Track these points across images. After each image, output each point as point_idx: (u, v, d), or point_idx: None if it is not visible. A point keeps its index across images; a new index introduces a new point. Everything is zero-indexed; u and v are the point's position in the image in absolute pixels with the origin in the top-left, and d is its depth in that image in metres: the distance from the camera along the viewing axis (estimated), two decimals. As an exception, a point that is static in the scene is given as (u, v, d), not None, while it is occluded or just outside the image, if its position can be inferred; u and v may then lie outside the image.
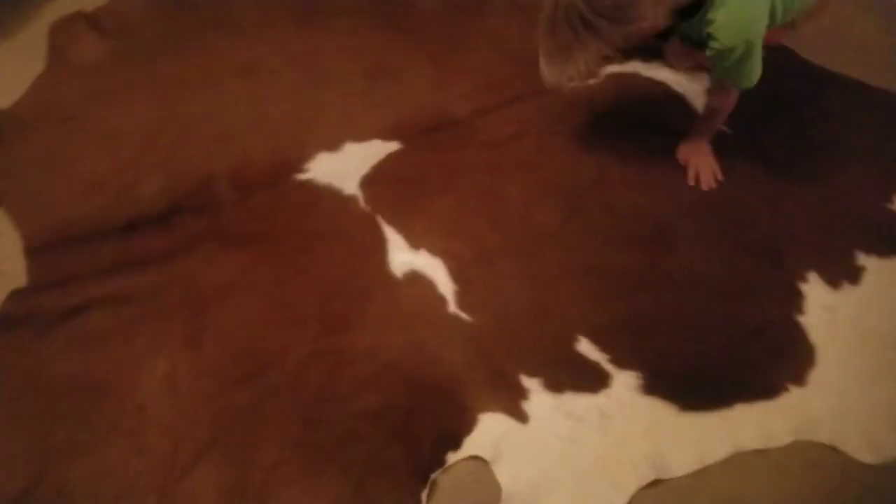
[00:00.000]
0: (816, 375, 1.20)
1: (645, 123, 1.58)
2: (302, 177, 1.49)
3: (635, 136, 1.55)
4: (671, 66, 1.68)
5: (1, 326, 1.27)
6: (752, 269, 1.34)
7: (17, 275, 1.34)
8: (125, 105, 1.63)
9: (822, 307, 1.29)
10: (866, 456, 1.11)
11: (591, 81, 1.67)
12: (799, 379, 1.19)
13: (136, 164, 1.50)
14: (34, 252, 1.37)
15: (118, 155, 1.52)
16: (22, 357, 1.23)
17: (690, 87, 1.65)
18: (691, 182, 1.45)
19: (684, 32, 1.33)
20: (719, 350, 1.23)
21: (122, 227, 1.40)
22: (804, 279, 1.32)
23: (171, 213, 1.42)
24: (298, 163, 1.51)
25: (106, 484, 1.10)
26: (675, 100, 1.63)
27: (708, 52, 1.26)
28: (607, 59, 1.30)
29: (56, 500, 1.08)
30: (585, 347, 1.24)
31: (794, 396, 1.17)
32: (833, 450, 1.12)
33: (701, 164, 1.46)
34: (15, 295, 1.31)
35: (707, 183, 1.44)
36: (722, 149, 1.50)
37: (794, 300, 1.30)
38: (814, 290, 1.31)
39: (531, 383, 1.20)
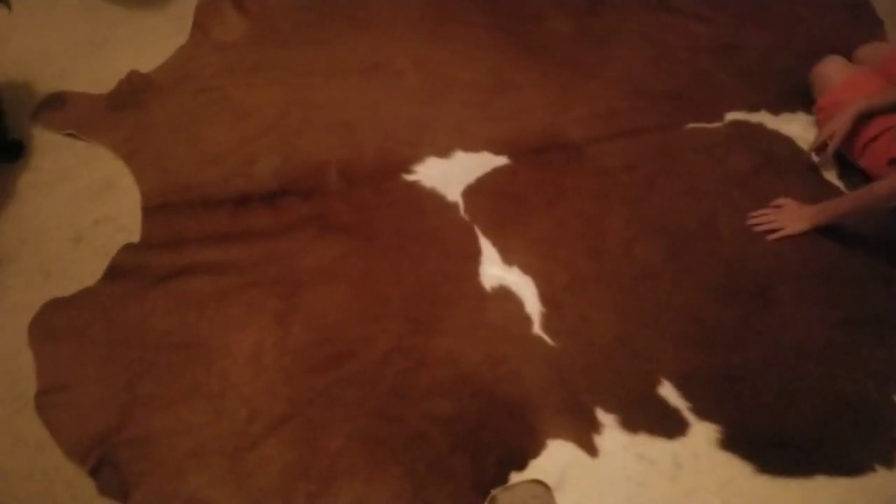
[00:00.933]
0: (908, 461, 1.12)
1: (762, 174, 1.52)
2: (409, 177, 1.53)
3: (751, 186, 1.50)
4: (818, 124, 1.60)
5: (111, 276, 1.35)
6: (853, 340, 1.27)
7: (132, 230, 1.43)
8: (256, 85, 1.71)
9: (924, 392, 1.20)
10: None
11: (713, 125, 1.63)
12: (888, 461, 1.12)
13: (256, 142, 1.58)
14: (150, 211, 1.46)
15: (242, 132, 1.60)
16: (124, 308, 1.31)
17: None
18: (752, 214, 1.39)
19: None
20: (808, 417, 1.17)
21: (235, 199, 1.47)
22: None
23: (281, 194, 1.48)
24: (408, 163, 1.55)
25: (182, 440, 1.15)
26: (796, 155, 1.56)
27: None
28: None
29: (134, 446, 1.14)
30: (668, 392, 1.20)
31: (879, 478, 1.10)
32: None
33: (781, 220, 1.38)
34: (127, 248, 1.39)
35: (756, 224, 1.37)
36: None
37: (893, 381, 1.21)
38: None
39: (606, 418, 1.17)
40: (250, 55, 1.79)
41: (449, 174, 1.53)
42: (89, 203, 1.48)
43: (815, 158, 1.51)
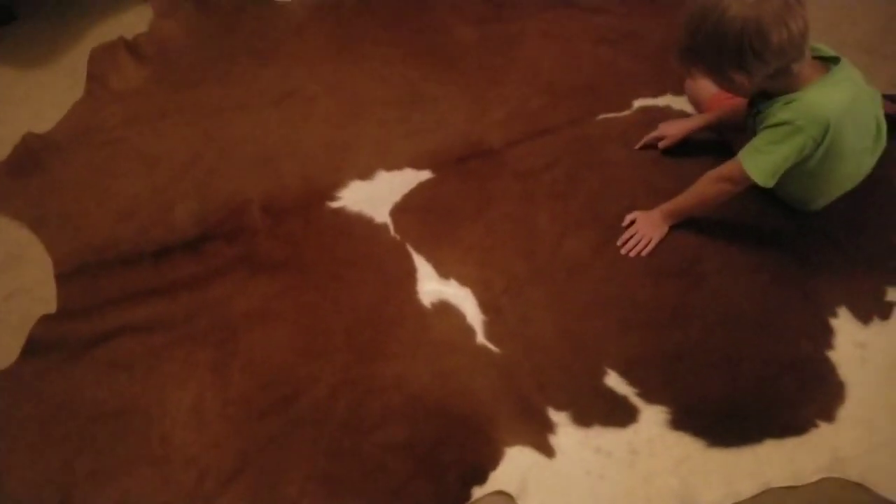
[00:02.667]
0: (846, 412, 1.17)
1: (676, 154, 1.56)
2: (334, 204, 1.51)
3: (667, 167, 1.54)
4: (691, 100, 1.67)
5: (30, 352, 1.28)
6: (782, 303, 1.31)
7: (48, 300, 1.36)
8: (163, 130, 1.66)
9: (852, 343, 1.26)
10: (896, 493, 1.08)
11: (623, 113, 1.67)
12: (828, 415, 1.17)
13: (170, 189, 1.53)
14: (65, 277, 1.39)
15: (153, 180, 1.55)
16: (50, 383, 1.24)
17: (724, 112, 1.62)
18: (619, 243, 1.40)
19: (756, 105, 1.32)
20: (749, 385, 1.20)
21: (154, 252, 1.42)
22: (835, 314, 1.30)
23: (203, 240, 1.44)
24: (331, 190, 1.53)
25: (130, 514, 1.11)
26: (705, 133, 1.61)
27: (764, 108, 1.27)
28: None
29: (83, 528, 1.08)
30: (614, 381, 1.22)
31: (823, 433, 1.14)
32: (863, 488, 1.09)
33: (642, 234, 1.40)
34: (45, 321, 1.32)
35: (628, 250, 1.39)
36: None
37: (825, 335, 1.27)
38: (844, 325, 1.28)
39: (559, 417, 1.18)
40: (153, 100, 1.73)
41: (374, 196, 1.52)
42: (-2, 278, 1.40)
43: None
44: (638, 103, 1.70)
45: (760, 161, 1.25)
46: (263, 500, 1.11)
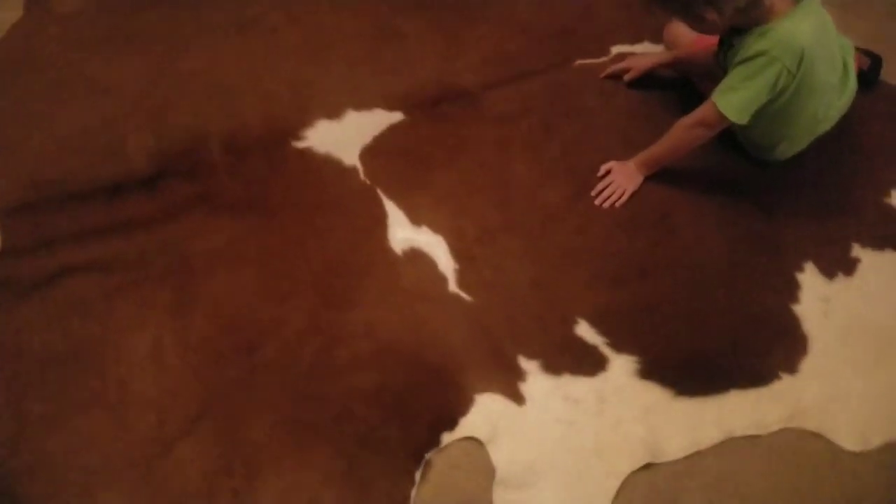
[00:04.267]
0: (808, 364, 1.20)
1: (651, 104, 1.55)
2: (300, 144, 1.44)
3: (642, 117, 1.52)
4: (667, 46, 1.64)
5: (-28, 292, 1.20)
6: (750, 256, 1.33)
7: (-9, 237, 1.27)
8: (111, 57, 1.54)
9: (817, 297, 1.29)
10: (852, 444, 1.12)
11: (600, 60, 1.63)
12: (791, 367, 1.19)
13: (122, 121, 1.43)
14: (9, 212, 1.30)
15: (103, 111, 1.44)
16: (-5, 324, 1.16)
17: (696, 54, 1.61)
18: (593, 193, 1.39)
19: (728, 41, 1.31)
20: (716, 337, 1.22)
21: (107, 188, 1.33)
22: (801, 268, 1.32)
23: (159, 177, 1.36)
24: (296, 129, 1.45)
25: (85, 456, 1.07)
26: (680, 80, 1.59)
27: (736, 42, 1.24)
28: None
29: (31, 472, 1.04)
30: (584, 330, 1.22)
31: (785, 384, 1.17)
32: (820, 437, 1.13)
33: (617, 184, 1.39)
34: (-11, 258, 1.24)
35: (602, 200, 1.38)
36: (723, 136, 1.46)
37: (791, 289, 1.29)
38: (810, 279, 1.31)
39: (529, 365, 1.18)
40: (100, 24, 1.60)
41: (342, 137, 1.45)
42: (-68, 213, 1.29)
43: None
44: (615, 49, 1.67)
45: (734, 98, 1.24)
46: (227, 445, 1.09)
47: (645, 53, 1.58)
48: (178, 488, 1.04)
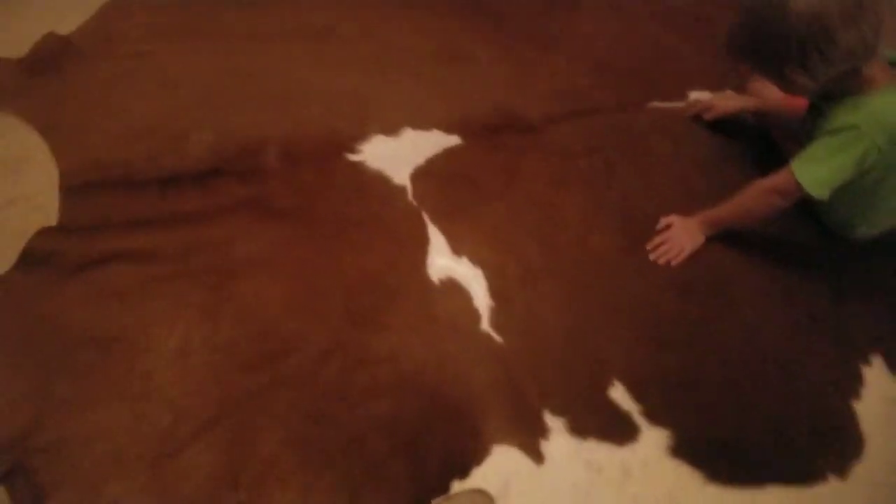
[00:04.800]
0: (861, 470, 1.10)
1: (724, 157, 1.45)
2: (353, 157, 1.42)
3: (713, 170, 1.43)
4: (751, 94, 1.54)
5: (24, 263, 1.23)
6: (812, 341, 1.23)
7: (47, 211, 1.30)
8: (188, 51, 1.57)
9: (881, 397, 1.18)
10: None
11: (676, 104, 1.55)
12: (841, 471, 1.09)
13: (188, 115, 1.45)
14: (70, 191, 1.33)
15: (172, 103, 1.47)
16: (38, 299, 1.19)
17: (784, 107, 1.50)
18: (648, 246, 1.30)
19: (818, 106, 1.21)
20: (762, 425, 1.13)
21: (163, 179, 1.35)
22: (868, 362, 1.21)
23: (214, 174, 1.36)
24: (352, 141, 1.44)
25: (100, 445, 1.07)
26: (759, 134, 1.49)
27: (826, 109, 1.15)
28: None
29: (49, 452, 1.05)
30: (619, 394, 1.15)
31: (831, 488, 1.07)
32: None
33: (676, 241, 1.29)
34: (43, 233, 1.27)
35: (658, 256, 1.29)
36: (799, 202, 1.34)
37: (853, 384, 1.19)
38: (876, 376, 1.20)
39: (554, 422, 1.12)
40: (183, 16, 1.63)
41: (397, 154, 1.43)
42: (1, 181, 1.34)
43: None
44: (693, 95, 1.58)
45: (816, 171, 1.13)
46: (236, 456, 1.07)
47: (730, 95, 1.48)
48: (184, 492, 1.03)
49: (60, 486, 1.02)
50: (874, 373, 1.20)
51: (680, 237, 1.31)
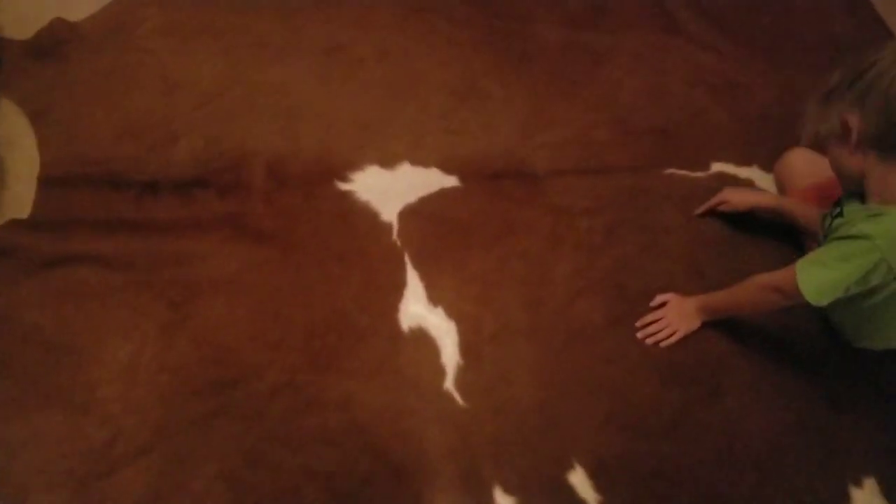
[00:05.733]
0: None
1: (738, 239, 1.34)
2: (343, 186, 1.36)
3: (722, 251, 1.33)
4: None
5: (-12, 254, 1.21)
6: (800, 449, 1.12)
7: (23, 202, 1.28)
8: (194, 52, 1.53)
9: (871, 525, 1.07)
10: None
11: (696, 174, 1.45)
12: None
13: (181, 120, 1.41)
14: (48, 182, 1.30)
15: (168, 106, 1.43)
16: (-5, 292, 1.16)
17: (803, 209, 1.41)
18: (638, 323, 1.22)
19: (840, 207, 1.12)
20: (731, 532, 1.03)
21: (144, 183, 1.31)
22: (858, 482, 1.10)
23: (196, 184, 1.32)
24: (345, 169, 1.38)
25: (28, 455, 1.04)
26: (780, 217, 1.38)
27: (846, 206, 1.06)
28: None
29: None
30: (579, 479, 1.07)
31: None
32: None
33: (669, 321, 1.21)
34: (12, 225, 1.24)
35: (646, 334, 1.21)
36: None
37: (839, 502, 1.08)
38: (866, 499, 1.09)
39: (504, 500, 1.04)
40: (196, 16, 1.59)
41: (390, 188, 1.36)
42: (-21, 163, 1.32)
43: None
44: (717, 167, 1.47)
45: (818, 275, 1.03)
46: (165, 486, 1.03)
47: (746, 190, 1.38)
48: (108, 516, 0.98)
49: (-16, 492, 0.98)
50: (864, 495, 1.09)
51: (674, 318, 1.22)
